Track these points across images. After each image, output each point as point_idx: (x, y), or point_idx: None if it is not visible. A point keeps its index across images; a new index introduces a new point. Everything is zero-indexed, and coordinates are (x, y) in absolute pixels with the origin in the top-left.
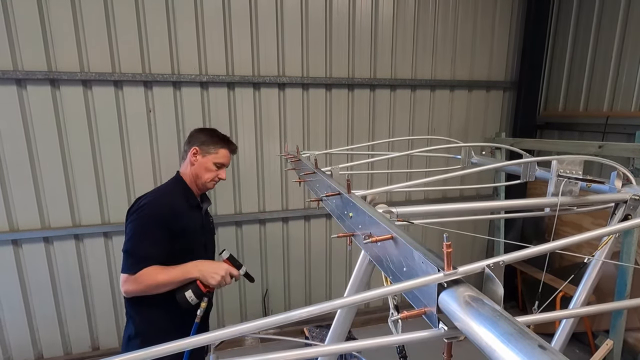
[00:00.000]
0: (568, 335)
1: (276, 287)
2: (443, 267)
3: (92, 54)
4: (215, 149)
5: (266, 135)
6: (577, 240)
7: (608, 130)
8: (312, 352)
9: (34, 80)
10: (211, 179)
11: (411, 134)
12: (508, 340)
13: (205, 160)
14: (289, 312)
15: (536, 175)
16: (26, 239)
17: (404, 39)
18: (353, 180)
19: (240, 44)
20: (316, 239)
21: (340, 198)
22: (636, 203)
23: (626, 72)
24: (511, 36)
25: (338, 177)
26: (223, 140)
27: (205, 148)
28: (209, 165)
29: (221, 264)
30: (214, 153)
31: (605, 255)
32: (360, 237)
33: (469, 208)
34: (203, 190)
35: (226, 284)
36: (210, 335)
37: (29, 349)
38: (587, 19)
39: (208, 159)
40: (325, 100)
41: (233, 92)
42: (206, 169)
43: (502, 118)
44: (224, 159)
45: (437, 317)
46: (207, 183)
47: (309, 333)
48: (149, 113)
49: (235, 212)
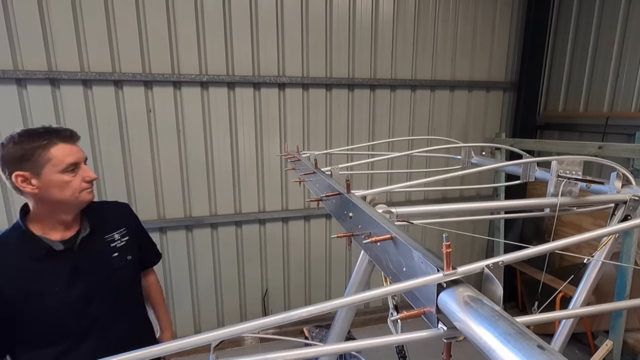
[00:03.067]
0: (568, 335)
1: (276, 287)
2: (442, 267)
3: (92, 54)
4: (44, 155)
5: (266, 135)
6: (576, 241)
7: (608, 131)
8: (312, 352)
9: (34, 79)
10: (79, 190)
11: (411, 134)
12: (507, 340)
13: (46, 177)
14: (289, 312)
15: (536, 176)
16: None
17: (404, 39)
18: (353, 180)
19: (240, 44)
20: (316, 239)
21: (340, 198)
22: (636, 204)
23: (626, 73)
24: (511, 36)
25: (338, 177)
26: (44, 136)
27: (30, 163)
28: (56, 180)
29: None
30: (47, 162)
31: (605, 255)
32: (359, 237)
33: (469, 208)
34: (82, 206)
35: None
36: (210, 335)
37: None
38: (587, 19)
39: (47, 174)
40: (325, 101)
41: (233, 92)
42: (59, 187)
43: (502, 118)
44: (69, 157)
45: (437, 317)
46: (78, 199)
47: (309, 333)
48: (149, 113)
49: (235, 212)
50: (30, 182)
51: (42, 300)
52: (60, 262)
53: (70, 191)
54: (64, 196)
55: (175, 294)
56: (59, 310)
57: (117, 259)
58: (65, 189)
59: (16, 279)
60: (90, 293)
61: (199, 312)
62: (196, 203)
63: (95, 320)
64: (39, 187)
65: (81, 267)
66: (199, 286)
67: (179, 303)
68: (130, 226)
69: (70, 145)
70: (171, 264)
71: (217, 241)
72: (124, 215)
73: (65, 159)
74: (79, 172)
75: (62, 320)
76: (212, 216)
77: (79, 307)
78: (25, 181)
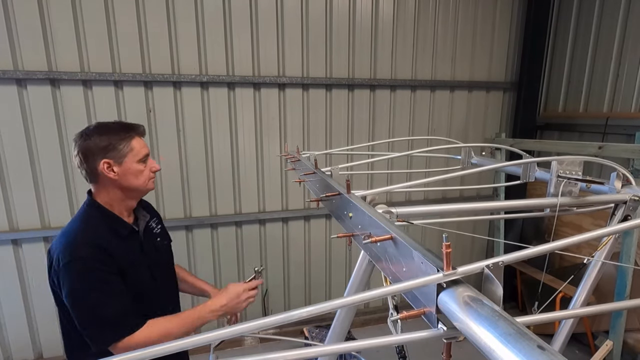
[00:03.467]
0: (568, 335)
1: (276, 287)
2: (442, 267)
3: (93, 54)
4: (127, 146)
5: (266, 135)
6: (576, 241)
7: (608, 131)
8: (312, 352)
9: (34, 80)
10: (148, 179)
11: (411, 134)
12: (507, 340)
13: (126, 166)
14: (289, 312)
15: (536, 176)
16: (26, 239)
17: (404, 40)
18: (353, 180)
19: (240, 44)
20: (316, 239)
21: (340, 198)
22: (636, 204)
23: (626, 73)
24: (511, 37)
25: (338, 177)
26: (126, 129)
27: (115, 152)
28: (134, 168)
29: (233, 288)
30: (129, 152)
31: (605, 255)
32: (360, 237)
33: (469, 208)
34: (146, 193)
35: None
36: (210, 334)
37: (29, 349)
38: (587, 19)
39: (128, 162)
40: (326, 101)
41: (233, 92)
42: (135, 174)
43: (502, 119)
44: (144, 149)
45: (437, 317)
46: (147, 186)
47: (309, 333)
48: (149, 113)
49: (235, 212)
50: (113, 169)
51: (128, 269)
52: (133, 241)
53: (142, 179)
54: (137, 183)
55: None
56: (137, 273)
57: (160, 243)
58: (139, 176)
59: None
60: (153, 271)
61: None
62: (196, 203)
63: (151, 271)
64: (119, 173)
65: (144, 248)
66: None
67: None
68: (158, 216)
69: (143, 139)
70: None
71: (217, 241)
72: (151, 207)
73: (141, 150)
74: (148, 162)
75: (139, 278)
76: (212, 216)
77: (152, 282)
78: (109, 168)
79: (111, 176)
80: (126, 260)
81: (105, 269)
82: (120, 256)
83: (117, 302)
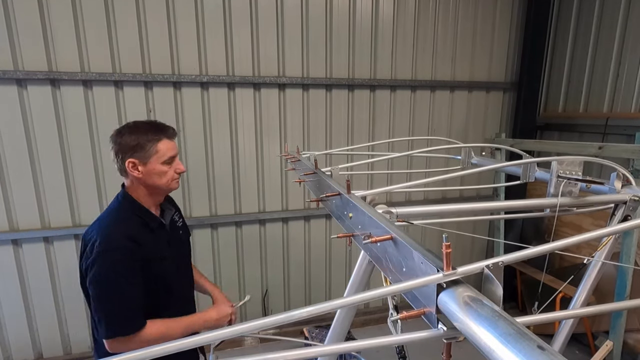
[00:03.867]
0: (568, 336)
1: (276, 287)
2: (442, 267)
3: (93, 54)
4: (153, 148)
5: (266, 135)
6: (576, 241)
7: (608, 132)
8: (312, 352)
9: (35, 80)
10: (171, 180)
11: (411, 134)
12: (507, 340)
13: (150, 166)
14: (289, 312)
15: (536, 176)
16: (26, 239)
17: (404, 40)
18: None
19: (240, 45)
20: (316, 240)
21: (340, 198)
22: (636, 204)
23: (626, 73)
24: (511, 37)
25: (338, 178)
26: (155, 131)
27: (142, 153)
28: (158, 169)
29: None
30: (154, 154)
31: (605, 256)
32: (359, 237)
33: (469, 208)
34: (167, 193)
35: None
36: (210, 335)
37: (29, 349)
38: (587, 19)
39: (152, 163)
40: (326, 101)
41: (233, 92)
42: (158, 175)
43: (502, 119)
44: (170, 151)
45: (437, 317)
46: (170, 186)
47: (309, 333)
48: (149, 113)
49: (235, 213)
50: (137, 168)
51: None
52: (161, 234)
53: (165, 179)
54: (160, 183)
55: None
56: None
57: (183, 236)
58: (163, 177)
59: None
60: (178, 263)
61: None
62: (196, 203)
63: (177, 263)
64: (143, 173)
65: (170, 240)
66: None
67: None
68: (179, 210)
69: (172, 141)
70: None
71: (217, 241)
72: (173, 201)
73: (167, 152)
74: (174, 164)
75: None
76: (212, 216)
77: (176, 273)
78: (134, 167)
79: (135, 174)
80: (154, 252)
81: (134, 264)
82: (149, 248)
83: (134, 300)
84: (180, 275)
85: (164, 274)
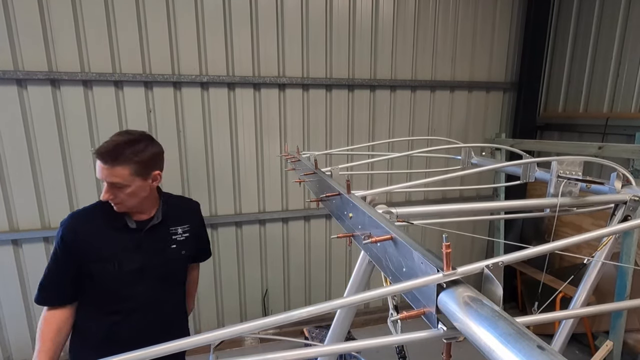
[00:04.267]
0: (568, 336)
1: (276, 287)
2: (442, 267)
3: (93, 54)
4: None
5: (266, 135)
6: (576, 241)
7: (608, 132)
8: (312, 352)
9: (35, 80)
10: None
11: (411, 134)
12: (507, 340)
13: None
14: (289, 312)
15: (536, 176)
16: (26, 239)
17: (404, 40)
18: (353, 180)
19: (240, 45)
20: (316, 240)
21: (340, 198)
22: (636, 204)
23: (626, 73)
24: (511, 37)
25: (338, 178)
26: None
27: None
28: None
29: None
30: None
31: (605, 256)
32: (359, 237)
33: (469, 208)
34: None
35: None
36: (210, 335)
37: (29, 349)
38: (587, 19)
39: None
40: (326, 101)
41: (233, 92)
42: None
43: (502, 119)
44: (97, 173)
45: (437, 317)
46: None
47: (309, 333)
48: (149, 113)
49: (235, 213)
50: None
51: (107, 264)
52: (130, 236)
53: None
54: None
55: None
56: (116, 276)
57: (173, 251)
58: None
59: (95, 239)
60: (143, 271)
61: (199, 312)
62: None
63: (142, 296)
64: None
65: (142, 247)
66: (199, 286)
67: None
68: (194, 224)
69: (100, 163)
70: None
71: (217, 241)
72: (192, 213)
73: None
74: None
75: (117, 285)
76: (212, 217)
77: (132, 278)
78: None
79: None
80: (109, 249)
81: (68, 252)
82: (104, 244)
83: (55, 277)
84: (144, 286)
85: (114, 273)
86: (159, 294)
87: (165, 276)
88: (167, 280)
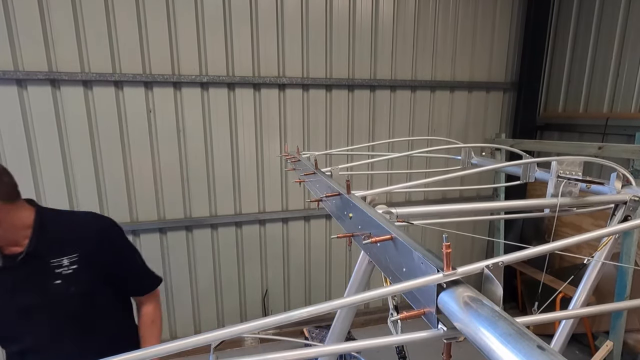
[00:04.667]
0: (568, 336)
1: (276, 287)
2: (442, 267)
3: (93, 55)
4: None
5: (266, 135)
6: (576, 241)
7: (608, 132)
8: (312, 353)
9: (35, 80)
10: None
11: (411, 134)
12: (507, 340)
13: None
14: (289, 312)
15: (536, 176)
16: None
17: (404, 40)
18: (353, 180)
19: (240, 45)
20: (316, 240)
21: (340, 198)
22: (636, 204)
23: (626, 73)
24: (511, 37)
25: (338, 178)
26: None
27: None
28: None
29: None
30: None
31: (605, 256)
32: (359, 237)
33: (469, 209)
34: None
35: None
36: (210, 335)
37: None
38: (587, 19)
39: None
40: (326, 101)
41: (233, 92)
42: None
43: (502, 119)
44: None
45: (437, 317)
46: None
47: (309, 333)
48: (149, 113)
49: (235, 213)
50: None
51: None
52: (5, 275)
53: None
54: None
55: (175, 294)
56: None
57: (58, 287)
58: None
59: None
60: (29, 311)
61: (199, 312)
62: (196, 204)
63: (35, 338)
64: None
65: (19, 285)
66: (199, 286)
67: (179, 303)
68: (87, 251)
69: None
70: (171, 264)
71: (217, 242)
72: (85, 238)
73: None
74: None
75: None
76: (212, 217)
77: (18, 318)
78: None
79: None
80: None
81: None
82: None
83: None
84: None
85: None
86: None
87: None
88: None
